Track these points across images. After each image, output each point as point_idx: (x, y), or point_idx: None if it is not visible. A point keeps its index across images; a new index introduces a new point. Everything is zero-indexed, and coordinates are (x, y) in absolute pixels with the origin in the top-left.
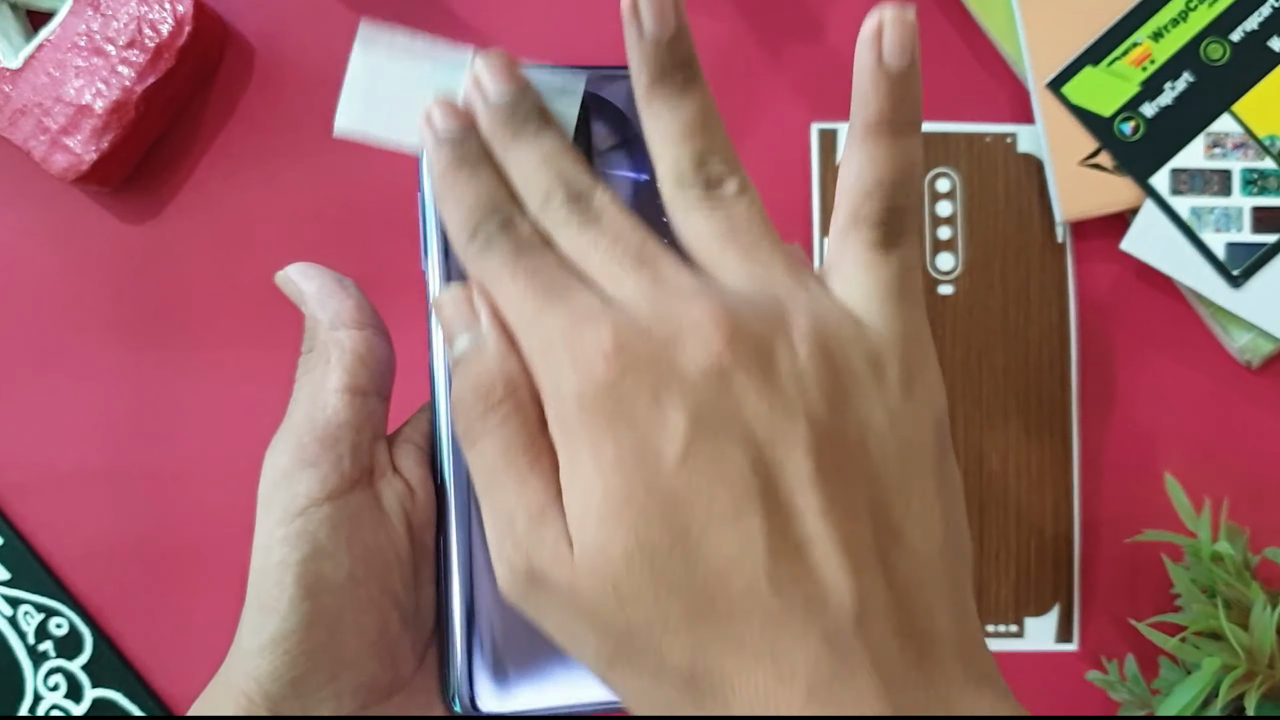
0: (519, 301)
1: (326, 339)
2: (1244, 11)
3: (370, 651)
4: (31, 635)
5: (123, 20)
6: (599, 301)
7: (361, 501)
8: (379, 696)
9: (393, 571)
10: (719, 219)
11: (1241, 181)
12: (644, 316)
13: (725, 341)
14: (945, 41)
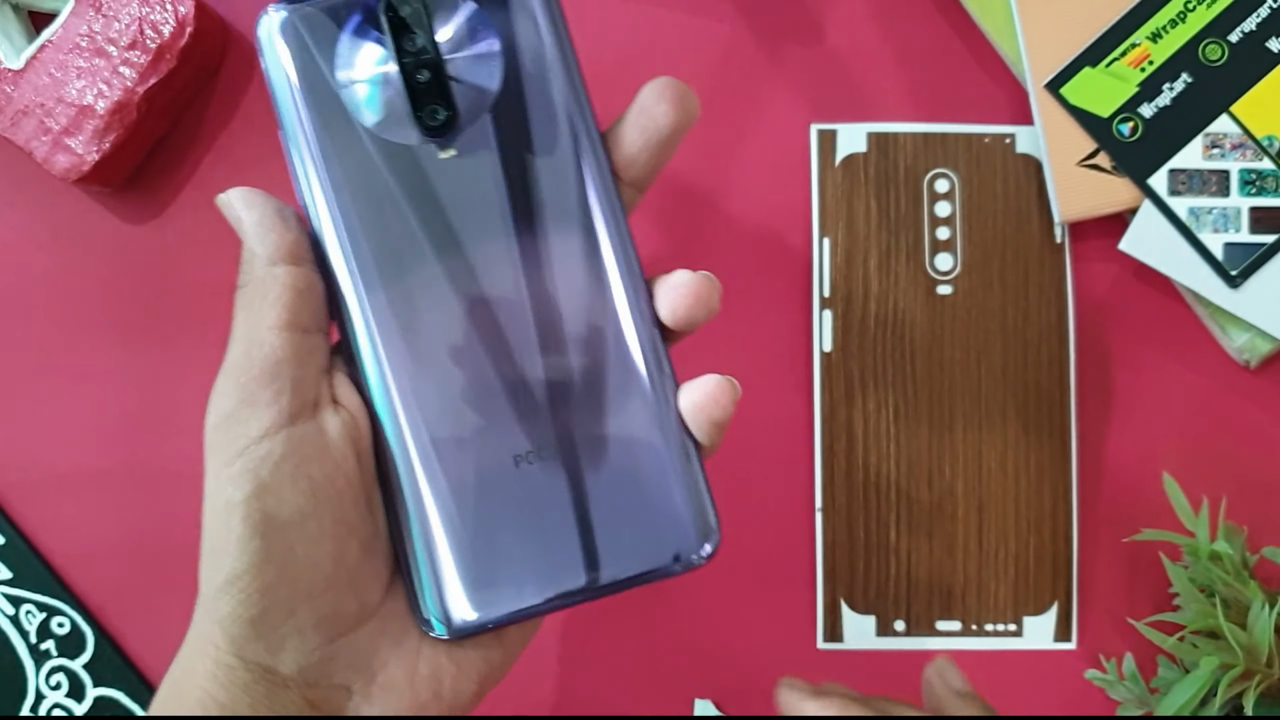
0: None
1: (263, 274)
2: (1242, 12)
3: (327, 583)
4: (33, 634)
5: (124, 21)
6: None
7: (304, 435)
8: (345, 627)
9: (344, 501)
10: None
11: (1240, 182)
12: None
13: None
14: (944, 42)
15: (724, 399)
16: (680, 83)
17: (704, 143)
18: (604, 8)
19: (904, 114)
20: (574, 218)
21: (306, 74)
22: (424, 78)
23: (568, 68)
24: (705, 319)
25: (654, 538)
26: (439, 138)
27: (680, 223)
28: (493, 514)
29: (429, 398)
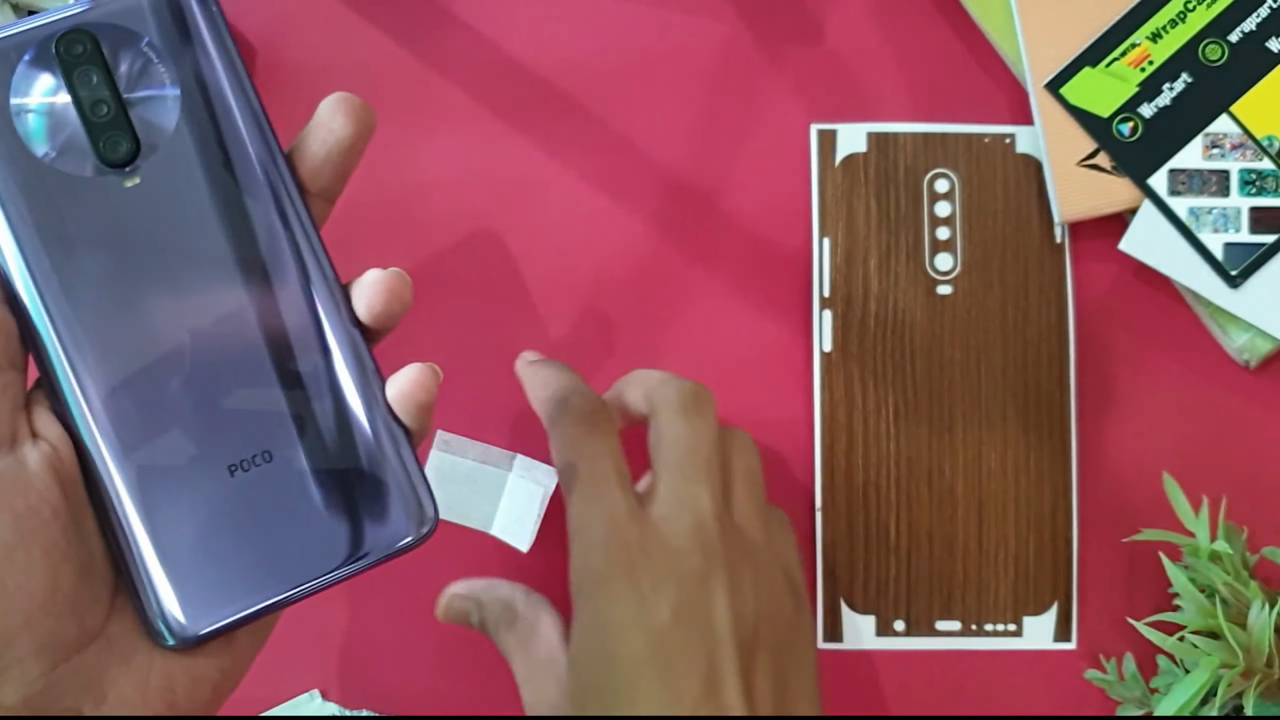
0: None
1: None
2: (1242, 12)
3: (43, 611)
4: None
5: None
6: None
7: (3, 469)
8: (68, 652)
9: (52, 529)
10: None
11: (1240, 182)
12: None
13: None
14: (944, 42)
15: (428, 383)
16: (354, 97)
17: (704, 143)
18: (603, 9)
19: (904, 114)
20: (261, 233)
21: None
22: (102, 111)
23: (244, 91)
24: (401, 313)
25: (367, 527)
26: (121, 168)
27: (680, 223)
28: (208, 523)
29: (133, 419)
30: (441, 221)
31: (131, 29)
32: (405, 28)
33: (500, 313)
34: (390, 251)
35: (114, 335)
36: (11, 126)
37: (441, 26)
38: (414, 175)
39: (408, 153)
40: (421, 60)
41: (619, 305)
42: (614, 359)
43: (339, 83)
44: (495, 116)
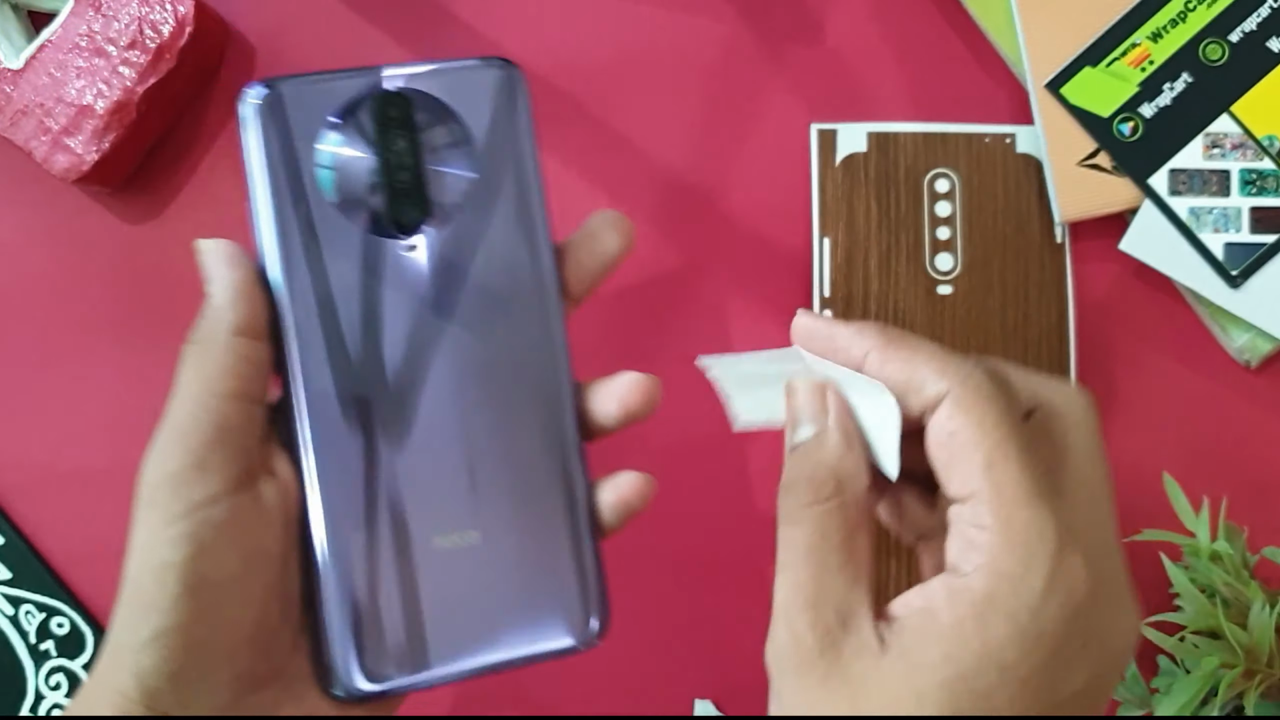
0: (1018, 467)
1: (225, 341)
2: (1243, 12)
3: (248, 644)
4: (33, 634)
5: (124, 21)
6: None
7: (245, 503)
8: (254, 685)
9: (273, 567)
10: None
11: (1240, 182)
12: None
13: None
14: (944, 42)
15: (646, 492)
16: (624, 217)
17: (704, 143)
18: (603, 9)
19: (904, 114)
20: (517, 328)
21: (285, 152)
22: (403, 177)
23: (536, 186)
24: (647, 416)
25: (549, 621)
26: (403, 234)
27: (680, 222)
28: (402, 588)
29: (356, 474)
30: None
31: (449, 106)
32: (404, 26)
33: None
34: None
35: (354, 388)
36: (312, 167)
37: (441, 26)
38: None
39: None
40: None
41: (619, 305)
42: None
43: None
44: None
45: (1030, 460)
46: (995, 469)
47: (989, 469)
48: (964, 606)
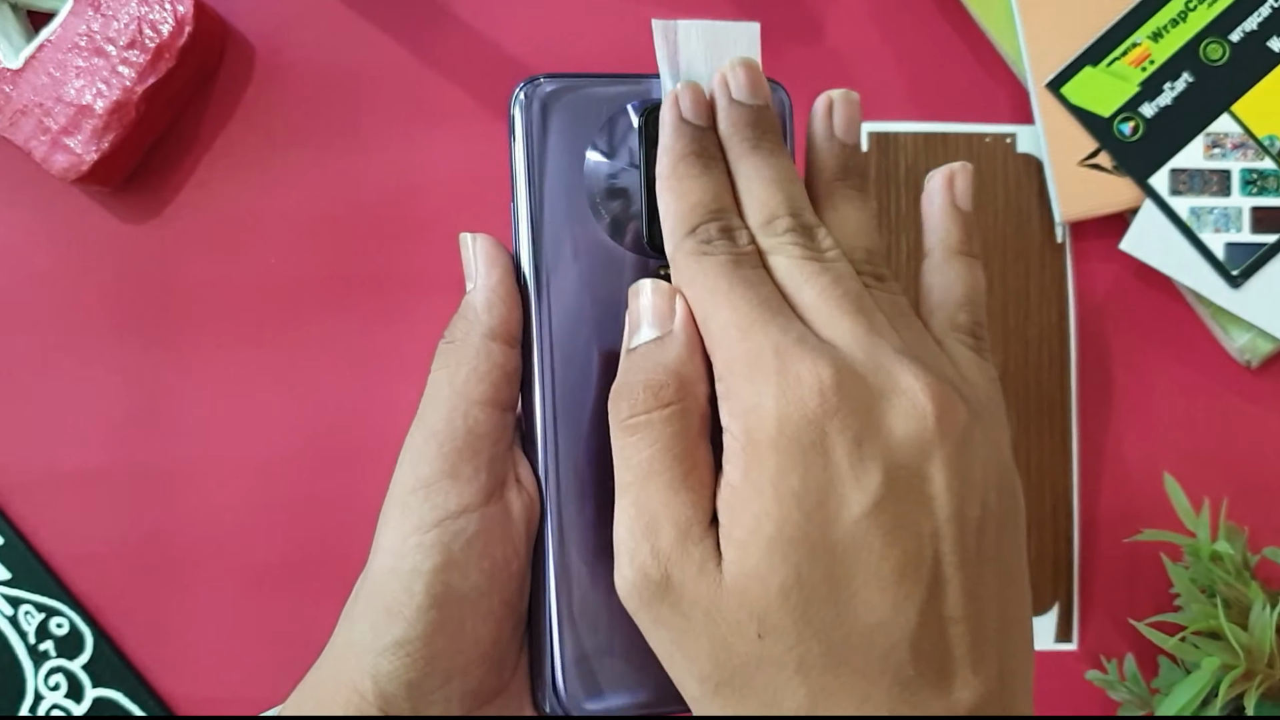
0: (729, 309)
1: (480, 345)
2: (1243, 12)
3: (483, 659)
4: (32, 635)
5: (123, 21)
6: (814, 334)
7: (494, 515)
8: (483, 700)
9: (514, 582)
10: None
11: (1241, 182)
12: (859, 363)
13: (935, 416)
14: (945, 42)
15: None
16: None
17: None
18: (602, 9)
19: (904, 113)
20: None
21: (556, 156)
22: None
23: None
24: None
25: None
26: (658, 255)
27: None
28: (622, 611)
29: (589, 492)
30: (440, 221)
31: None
32: (405, 27)
33: None
34: (389, 250)
35: (589, 402)
36: (580, 176)
37: (441, 26)
38: (413, 174)
39: (406, 152)
40: (421, 60)
41: None
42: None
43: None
44: (494, 116)
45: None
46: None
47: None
48: (739, 459)
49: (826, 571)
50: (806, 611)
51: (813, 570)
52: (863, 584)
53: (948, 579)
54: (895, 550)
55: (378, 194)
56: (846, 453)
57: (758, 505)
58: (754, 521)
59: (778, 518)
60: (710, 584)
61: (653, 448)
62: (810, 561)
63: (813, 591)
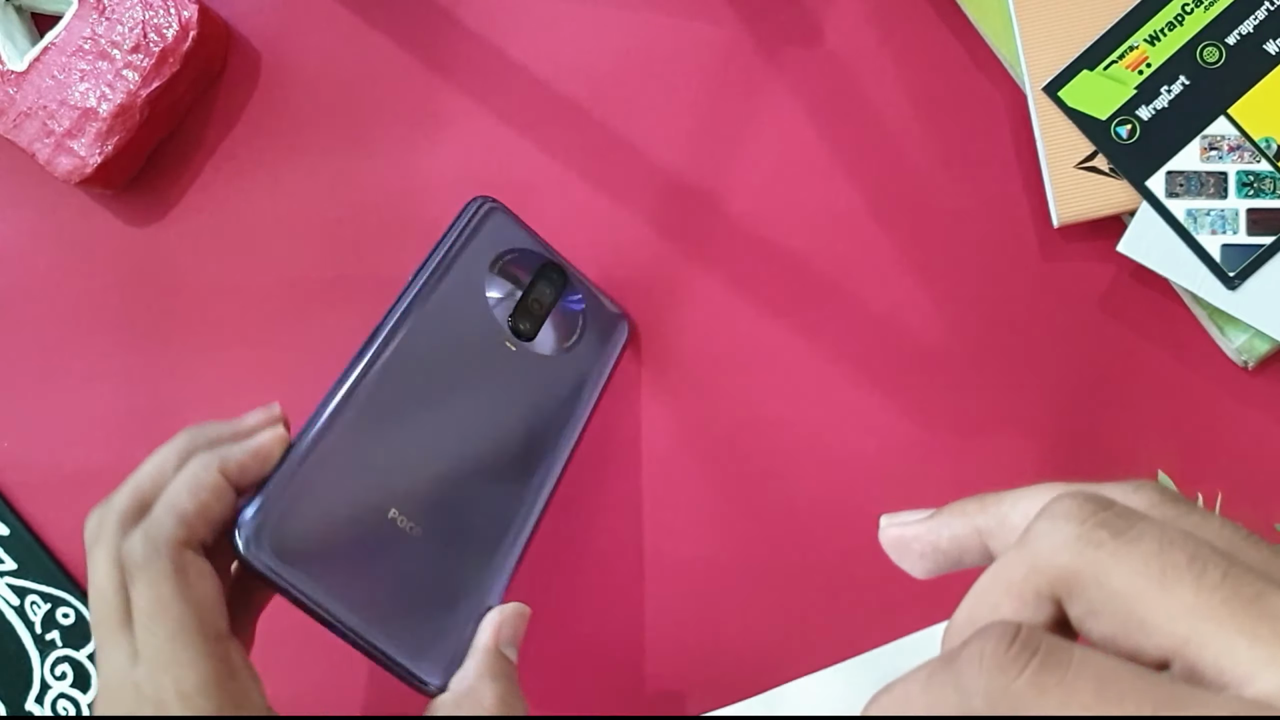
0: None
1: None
2: (1240, 15)
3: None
4: (39, 625)
5: (128, 24)
6: None
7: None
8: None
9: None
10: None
11: (1237, 184)
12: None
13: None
14: (942, 45)
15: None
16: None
17: (702, 145)
18: (603, 13)
19: (902, 116)
20: (537, 436)
21: (477, 244)
22: (535, 309)
23: (591, 395)
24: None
25: (429, 649)
26: (515, 338)
27: (680, 226)
28: (343, 516)
29: (372, 422)
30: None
31: (587, 298)
32: (408, 31)
33: None
34: (392, 254)
35: (411, 381)
36: (483, 279)
37: (444, 31)
38: (416, 178)
39: (409, 156)
40: (424, 64)
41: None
42: None
43: (344, 86)
44: (497, 119)
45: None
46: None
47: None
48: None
49: None
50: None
51: None
52: None
53: None
54: None
55: (381, 197)
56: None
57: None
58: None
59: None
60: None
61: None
62: None
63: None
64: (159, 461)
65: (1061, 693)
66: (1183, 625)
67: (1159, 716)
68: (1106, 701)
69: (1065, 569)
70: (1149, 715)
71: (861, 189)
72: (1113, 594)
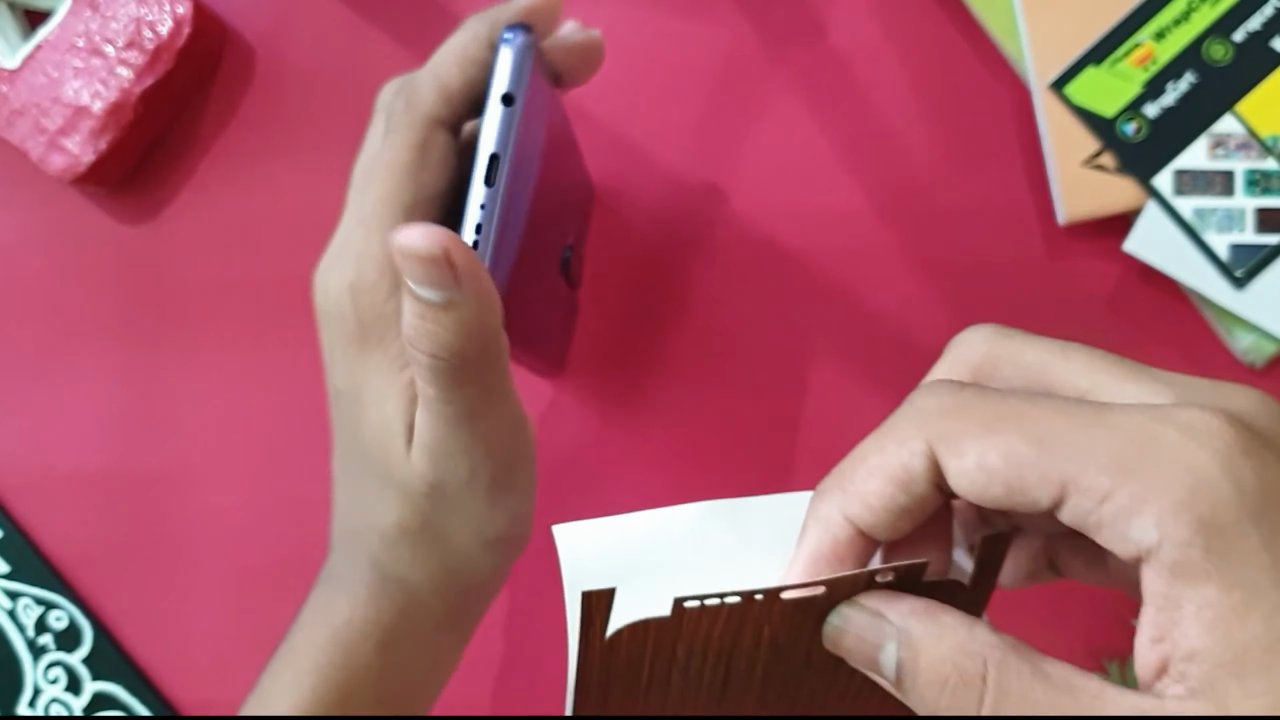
0: None
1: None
2: (1246, 11)
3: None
4: (31, 628)
5: (121, 21)
6: None
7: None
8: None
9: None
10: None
11: (1245, 182)
12: None
13: None
14: (947, 41)
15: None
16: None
17: (705, 142)
18: (605, 11)
19: (907, 113)
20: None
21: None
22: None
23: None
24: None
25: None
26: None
27: (680, 223)
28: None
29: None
30: None
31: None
32: (405, 27)
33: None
34: None
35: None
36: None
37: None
38: None
39: None
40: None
41: (619, 305)
42: (615, 356)
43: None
44: None
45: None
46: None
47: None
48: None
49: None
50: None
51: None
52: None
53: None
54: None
55: None
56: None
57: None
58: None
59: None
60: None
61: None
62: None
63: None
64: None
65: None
66: (1084, 379)
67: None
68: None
69: (985, 356)
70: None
71: (866, 187)
72: (1025, 366)
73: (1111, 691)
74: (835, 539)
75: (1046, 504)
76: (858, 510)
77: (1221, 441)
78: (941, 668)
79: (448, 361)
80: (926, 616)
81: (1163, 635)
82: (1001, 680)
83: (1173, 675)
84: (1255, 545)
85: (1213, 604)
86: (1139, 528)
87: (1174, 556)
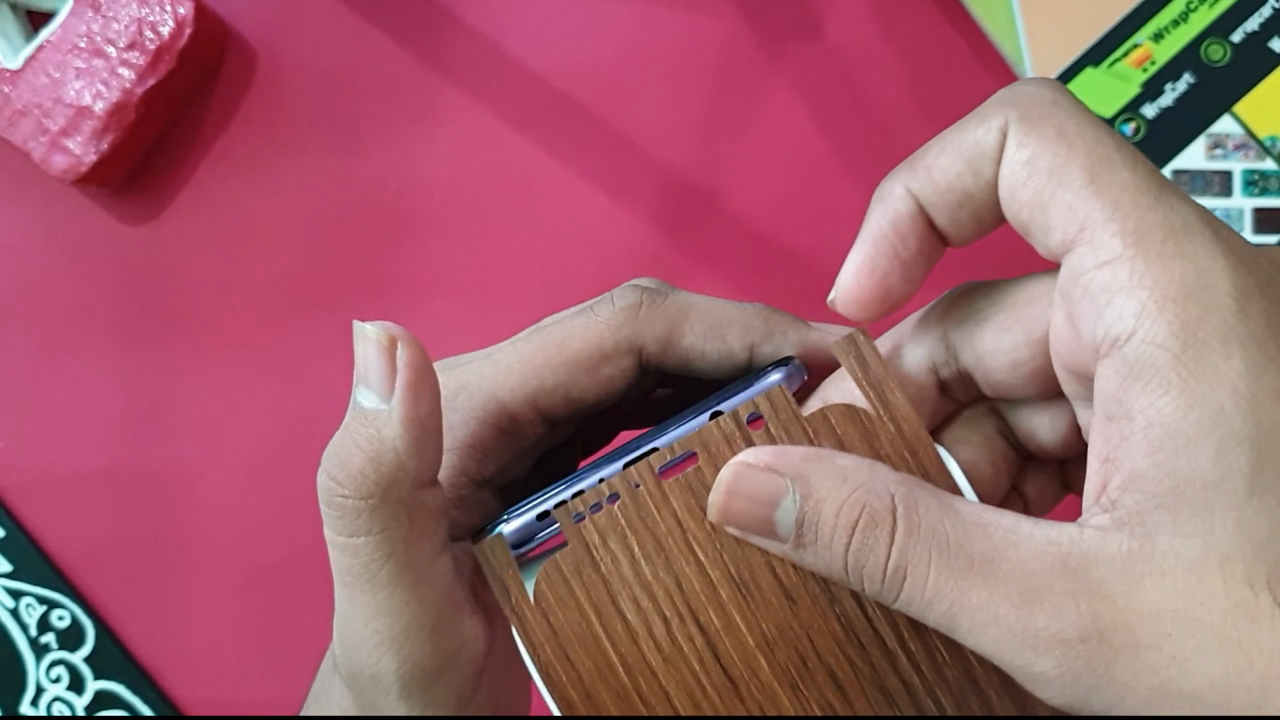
0: None
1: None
2: (1244, 12)
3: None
4: (34, 627)
5: (123, 22)
6: None
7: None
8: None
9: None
10: None
11: (1242, 183)
12: None
13: None
14: (945, 42)
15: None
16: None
17: (704, 142)
18: (604, 10)
19: (905, 113)
20: None
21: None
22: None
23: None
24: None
25: None
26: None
27: (681, 222)
28: None
29: None
30: (442, 220)
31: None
32: (405, 28)
33: (501, 312)
34: (389, 251)
35: None
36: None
37: (442, 27)
38: (415, 175)
39: (408, 153)
40: (422, 61)
41: None
42: None
43: (340, 83)
44: (496, 116)
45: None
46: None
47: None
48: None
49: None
50: None
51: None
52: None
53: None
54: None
55: (378, 195)
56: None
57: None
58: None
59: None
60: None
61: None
62: None
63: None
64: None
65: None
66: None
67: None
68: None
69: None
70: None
71: (862, 185)
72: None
73: (1026, 525)
74: (897, 213)
75: (1056, 240)
76: (921, 184)
77: (1253, 264)
78: (851, 511)
79: (340, 485)
80: (821, 461)
81: (1110, 454)
82: (909, 515)
83: (1103, 502)
84: (1237, 368)
85: (1164, 420)
86: (1116, 308)
87: (1139, 354)
